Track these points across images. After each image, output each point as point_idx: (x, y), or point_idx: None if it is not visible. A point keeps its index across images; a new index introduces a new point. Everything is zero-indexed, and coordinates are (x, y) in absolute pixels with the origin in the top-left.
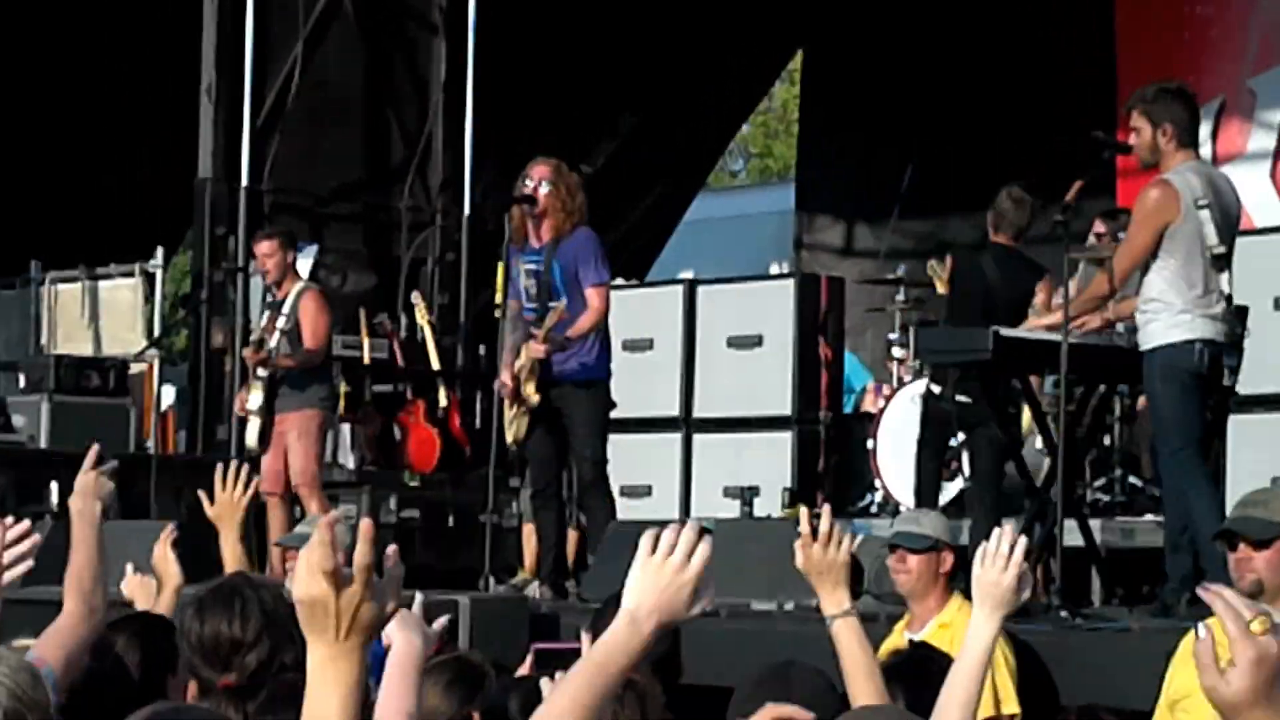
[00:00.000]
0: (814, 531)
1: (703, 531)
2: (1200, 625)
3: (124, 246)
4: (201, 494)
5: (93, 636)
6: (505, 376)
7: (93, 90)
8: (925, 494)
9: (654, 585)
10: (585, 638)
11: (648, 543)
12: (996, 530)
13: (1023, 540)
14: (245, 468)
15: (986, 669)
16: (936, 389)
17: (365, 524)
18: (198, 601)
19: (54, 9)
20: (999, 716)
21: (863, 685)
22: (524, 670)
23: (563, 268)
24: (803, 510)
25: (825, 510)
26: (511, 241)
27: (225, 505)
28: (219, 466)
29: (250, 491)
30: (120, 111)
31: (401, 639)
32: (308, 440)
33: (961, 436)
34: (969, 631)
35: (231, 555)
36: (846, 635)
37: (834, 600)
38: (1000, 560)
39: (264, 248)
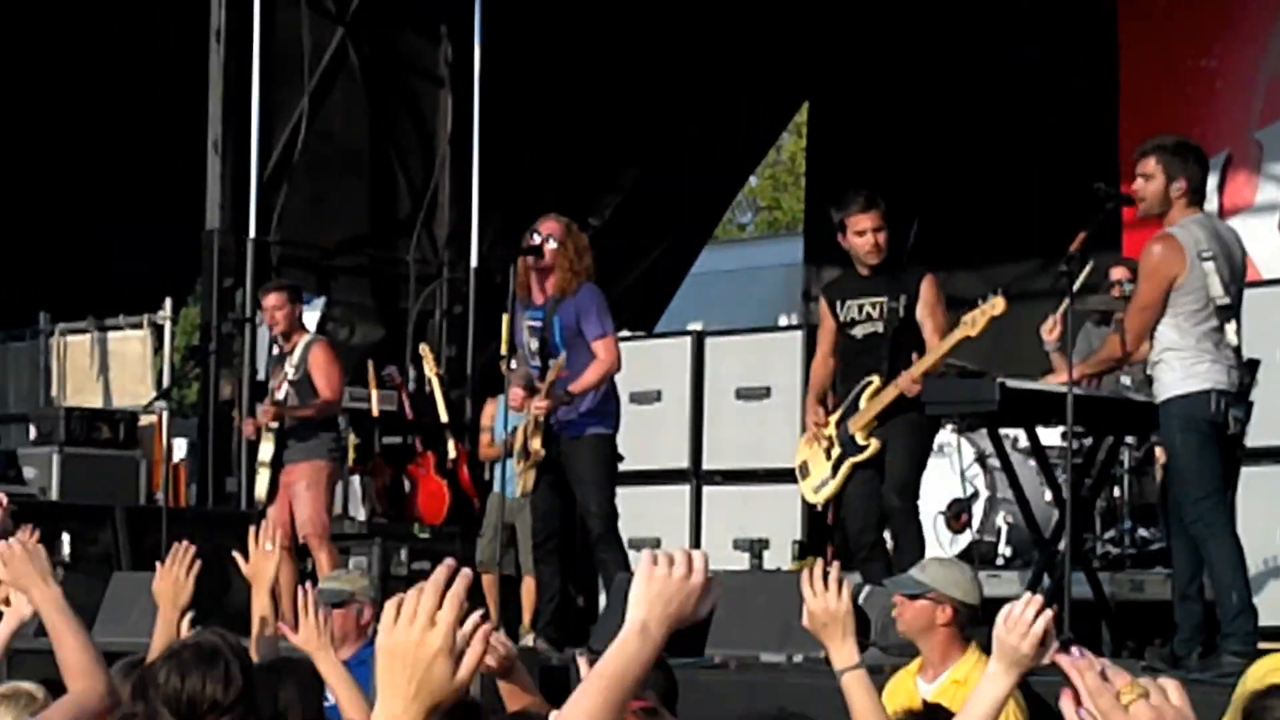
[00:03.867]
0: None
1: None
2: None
3: (132, 298)
4: (236, 555)
5: (105, 714)
6: (517, 393)
7: (102, 142)
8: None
9: (662, 593)
10: (582, 661)
11: (648, 558)
12: (1026, 595)
13: (1048, 612)
14: (272, 525)
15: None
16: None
17: (445, 574)
18: (177, 656)
19: (63, 63)
20: None
21: None
22: None
23: (563, 324)
24: (804, 571)
25: (835, 566)
26: (517, 297)
27: (259, 562)
28: (251, 528)
29: (278, 547)
30: (129, 164)
31: None
32: (316, 490)
33: (971, 490)
34: (981, 683)
35: (260, 609)
36: (856, 689)
37: (842, 654)
38: (1022, 626)
39: (271, 300)
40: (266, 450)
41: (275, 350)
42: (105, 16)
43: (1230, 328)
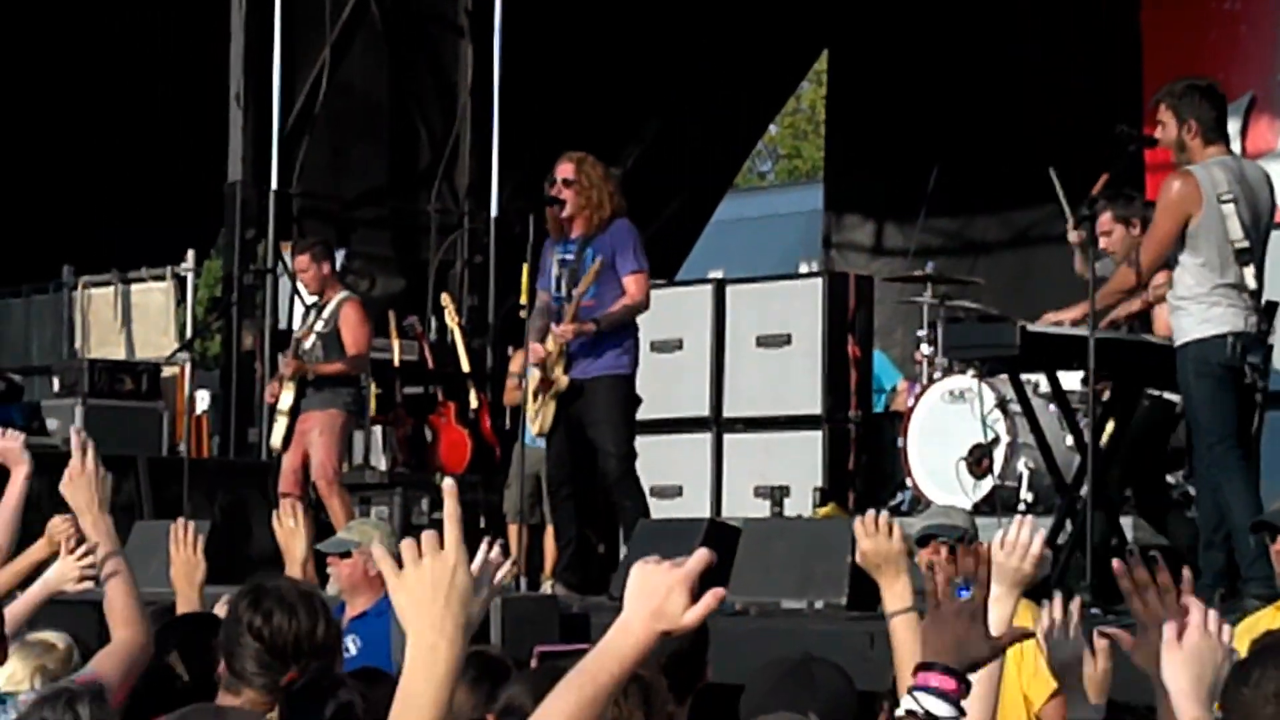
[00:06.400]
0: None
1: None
2: None
3: (155, 250)
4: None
5: (146, 662)
6: (537, 349)
7: (124, 96)
8: None
9: (643, 587)
10: None
11: (644, 560)
12: (1016, 518)
13: (1041, 529)
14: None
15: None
16: None
17: (449, 485)
18: (277, 594)
19: (85, 18)
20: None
21: None
22: None
23: (595, 258)
24: (857, 521)
25: (883, 513)
26: (550, 236)
27: (287, 540)
28: (275, 513)
29: (301, 524)
30: (151, 117)
31: None
32: (330, 436)
33: (992, 436)
34: (990, 608)
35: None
36: (905, 631)
37: (895, 594)
38: (1020, 549)
39: (299, 263)
40: (286, 399)
41: (307, 301)
42: None
43: (1249, 271)
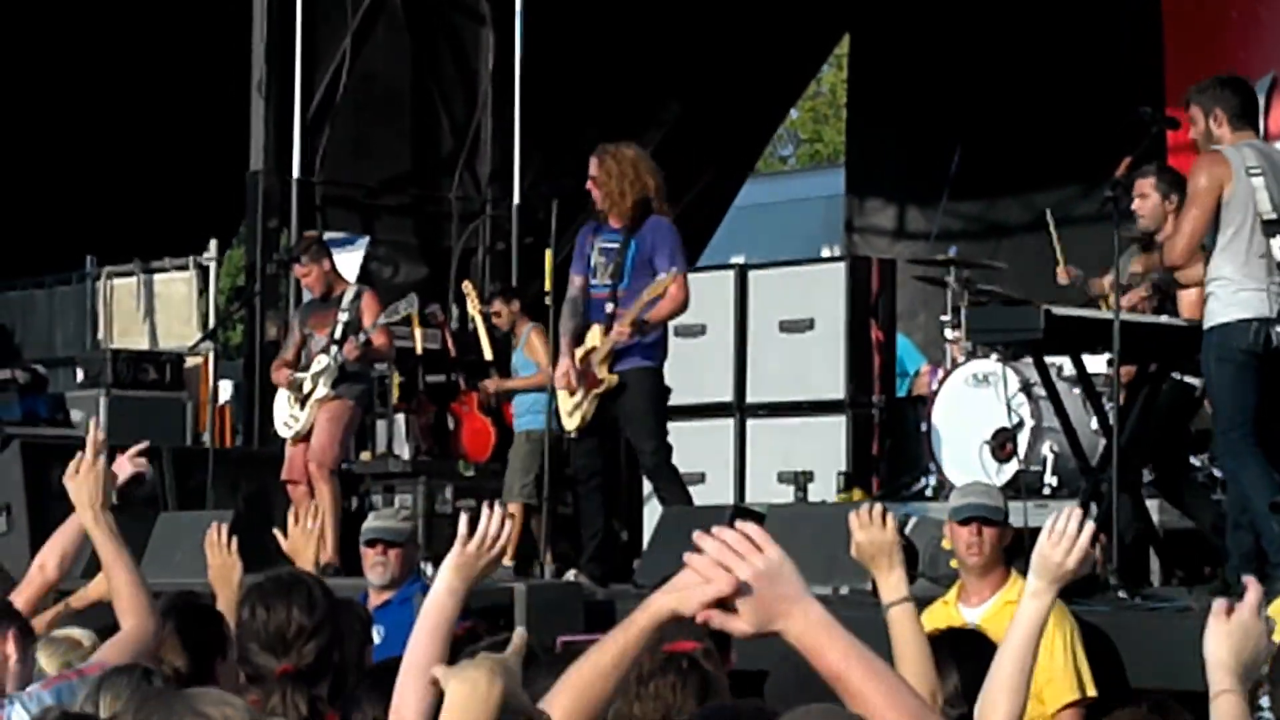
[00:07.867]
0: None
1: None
2: None
3: (178, 240)
4: (276, 532)
5: (154, 650)
6: (566, 365)
7: (146, 85)
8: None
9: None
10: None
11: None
12: (1065, 507)
13: (1090, 523)
14: (315, 506)
15: (1038, 642)
16: None
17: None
18: (259, 590)
19: (106, 7)
20: (1083, 699)
21: (913, 671)
22: None
23: (638, 252)
24: (852, 514)
25: (877, 505)
26: (594, 218)
27: (298, 538)
28: (291, 511)
29: (318, 526)
30: (173, 106)
31: (441, 584)
32: (335, 425)
33: (1016, 419)
34: (1022, 604)
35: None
36: (902, 622)
37: (891, 585)
38: (1067, 541)
39: (299, 270)
40: (323, 389)
41: (309, 295)
42: None
43: (1275, 243)
